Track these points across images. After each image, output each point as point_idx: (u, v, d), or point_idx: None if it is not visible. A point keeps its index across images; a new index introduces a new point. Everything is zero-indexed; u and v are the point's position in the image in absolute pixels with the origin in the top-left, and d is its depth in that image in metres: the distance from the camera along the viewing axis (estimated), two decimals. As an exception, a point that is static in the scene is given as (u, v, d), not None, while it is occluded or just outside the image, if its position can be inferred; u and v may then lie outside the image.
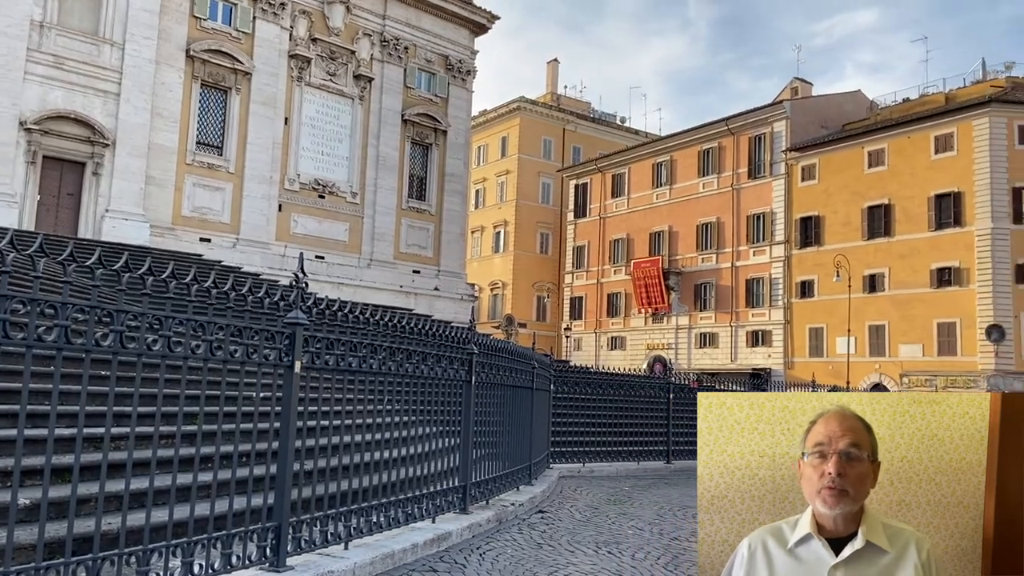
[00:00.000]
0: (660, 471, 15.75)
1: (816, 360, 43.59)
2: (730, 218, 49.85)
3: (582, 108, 67.93)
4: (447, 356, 8.49)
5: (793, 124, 47.66)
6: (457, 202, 32.46)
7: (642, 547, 8.20)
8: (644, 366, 49.57)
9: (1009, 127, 38.92)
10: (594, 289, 58.17)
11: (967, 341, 38.51)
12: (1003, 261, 38.04)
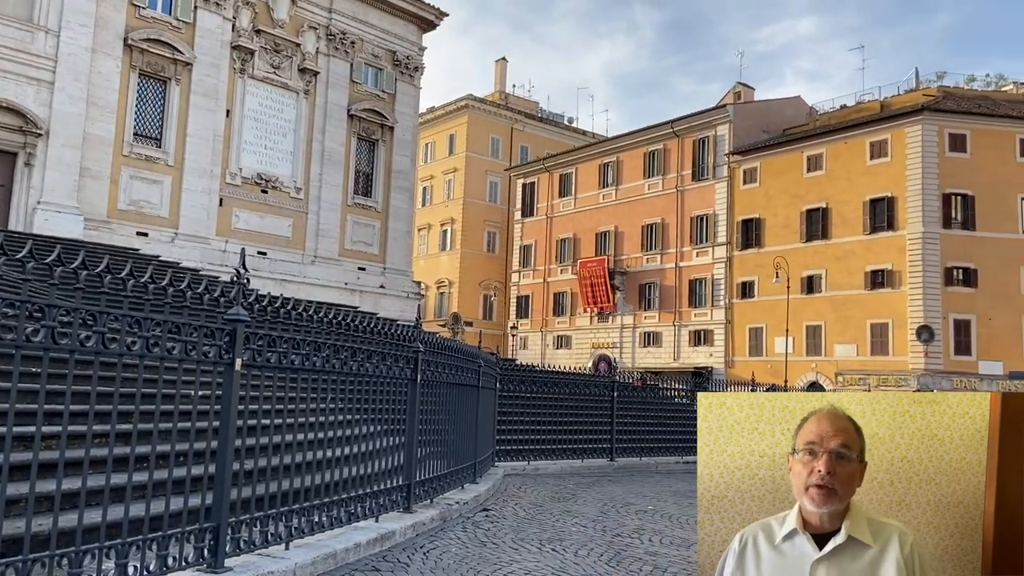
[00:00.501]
0: (604, 469, 15.91)
1: (756, 359, 44.58)
2: (674, 219, 50.63)
3: (530, 107, 68.19)
4: (392, 354, 8.43)
5: (736, 128, 48.64)
6: (404, 199, 32.23)
7: (585, 544, 8.28)
8: (589, 365, 50.00)
9: (940, 135, 40.40)
10: (541, 288, 58.46)
11: (898, 341, 39.85)
12: (933, 264, 39.47)
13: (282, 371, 6.52)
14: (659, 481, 14.72)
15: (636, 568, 7.29)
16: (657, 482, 14.57)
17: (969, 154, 40.21)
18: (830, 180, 43.56)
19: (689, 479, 15.59)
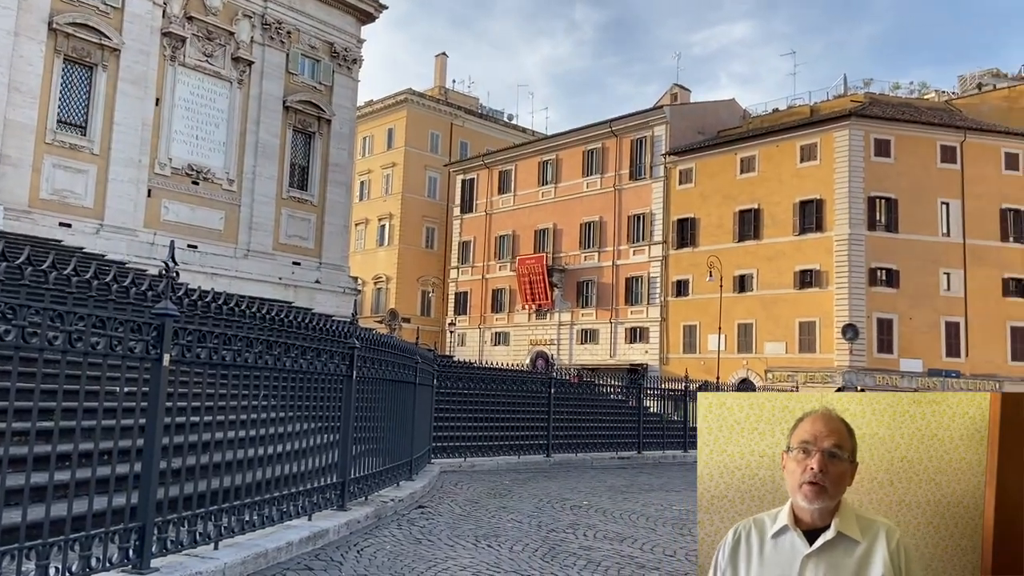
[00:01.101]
0: (540, 465, 16.01)
1: (689, 356, 45.47)
2: (612, 218, 51.24)
3: (470, 103, 68.07)
4: (327, 350, 8.32)
5: (672, 129, 49.48)
6: (341, 193, 31.79)
7: (520, 539, 8.33)
8: (527, 361, 50.27)
9: (866, 140, 41.87)
10: (479, 285, 58.45)
11: (825, 339, 41.18)
12: (858, 265, 40.90)
13: (212, 367, 6.37)
14: (594, 476, 14.89)
15: (570, 562, 7.37)
16: (592, 477, 14.74)
17: (893, 159, 41.78)
18: (762, 182, 44.72)
19: (623, 474, 15.83)
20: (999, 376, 40.36)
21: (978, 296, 40.85)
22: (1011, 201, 41.87)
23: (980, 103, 45.99)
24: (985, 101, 46.05)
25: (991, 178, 41.78)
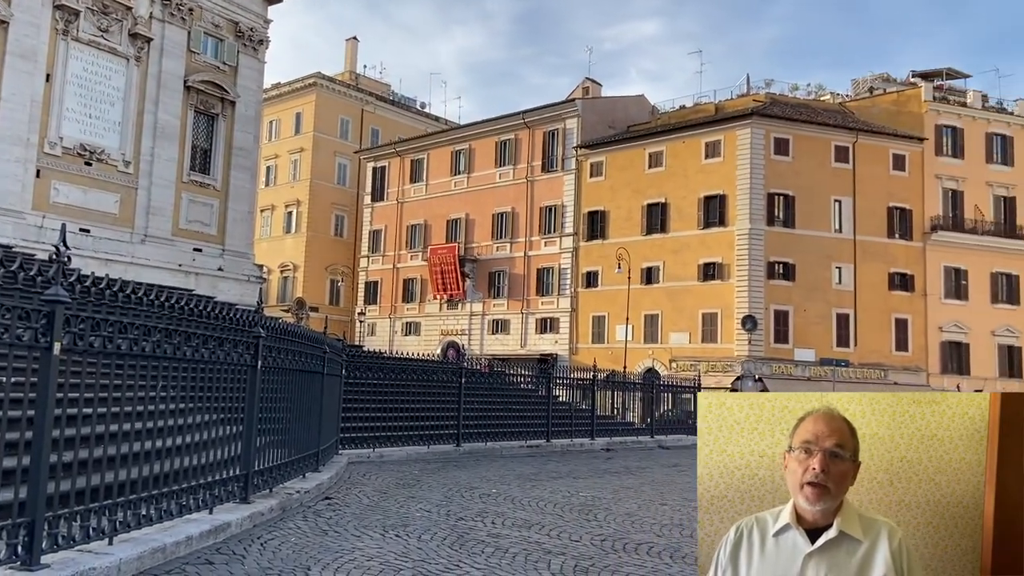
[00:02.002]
0: (450, 454, 16.03)
1: (598, 346, 46.35)
2: (524, 209, 51.61)
3: (382, 90, 67.15)
4: (231, 339, 8.09)
5: (584, 122, 50.19)
6: (246, 178, 30.81)
7: (429, 528, 8.34)
8: (438, 351, 50.13)
9: (767, 138, 43.57)
10: (390, 274, 57.89)
11: (726, 330, 42.74)
12: (758, 259, 42.59)
13: (107, 356, 6.10)
14: (503, 465, 15.03)
15: (478, 550, 7.43)
16: (501, 466, 14.87)
17: (791, 158, 43.63)
18: (669, 177, 45.93)
19: (532, 462, 16.04)
20: (884, 365, 42.87)
21: (866, 289, 43.21)
22: (897, 200, 44.40)
23: (871, 106, 48.50)
24: (876, 104, 48.60)
25: (880, 178, 44.19)
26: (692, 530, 9.34)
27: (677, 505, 11.31)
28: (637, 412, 26.60)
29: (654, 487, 13.39)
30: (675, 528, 9.34)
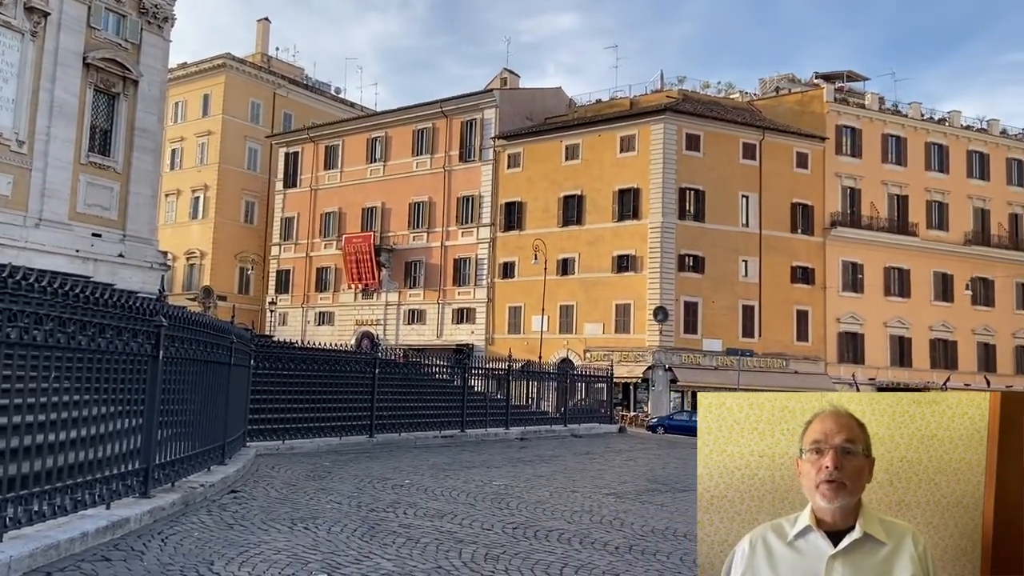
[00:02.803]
0: (363, 445, 15.86)
1: (514, 336, 46.63)
2: (442, 198, 51.35)
3: (295, 74, 65.50)
4: (130, 329, 7.76)
5: (502, 113, 50.24)
6: (149, 161, 29.51)
7: (340, 520, 8.23)
8: (352, 342, 49.44)
9: (679, 134, 44.64)
10: (303, 263, 56.67)
11: (638, 321, 43.69)
12: (669, 251, 43.66)
13: (-7, 346, 5.76)
14: (417, 455, 14.97)
15: (389, 541, 7.39)
16: (415, 456, 14.81)
17: (702, 153, 44.85)
18: (585, 169, 46.52)
19: (446, 452, 16.03)
20: (786, 354, 44.69)
21: (770, 282, 44.91)
22: (800, 197, 46.27)
23: (777, 105, 50.31)
24: (781, 103, 50.43)
25: (784, 175, 45.93)
26: (601, 516, 9.55)
27: (588, 492, 11.52)
28: (552, 402, 26.92)
29: (566, 475, 13.60)
30: (585, 515, 9.51)
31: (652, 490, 12.50)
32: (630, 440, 23.92)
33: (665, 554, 7.66)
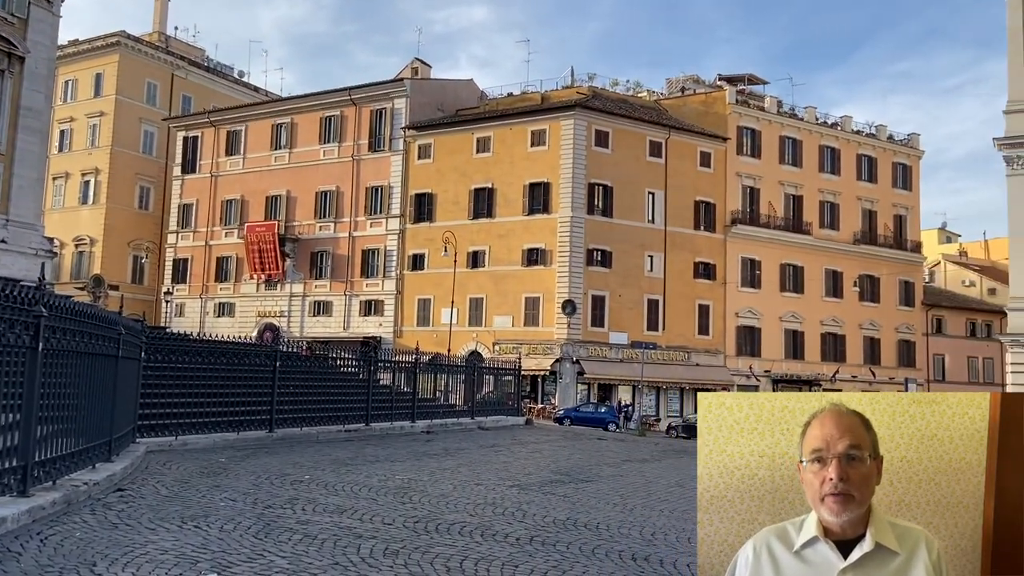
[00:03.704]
0: (262, 440, 15.38)
1: (423, 329, 46.35)
2: (350, 188, 50.45)
3: (195, 55, 63.00)
4: (7, 319, 7.25)
5: (412, 103, 49.73)
6: (34, 141, 27.80)
7: (233, 518, 7.95)
8: (254, 334, 48.05)
9: (589, 130, 45.26)
10: (202, 251, 54.63)
11: (547, 313, 44.14)
12: (578, 246, 44.26)
13: None
14: (319, 450, 14.64)
15: (285, 538, 7.18)
16: (317, 451, 14.48)
17: (611, 150, 45.63)
18: (496, 162, 46.59)
19: (349, 447, 15.75)
20: (688, 348, 46.06)
21: (674, 277, 46.17)
22: (703, 194, 47.72)
23: (682, 105, 51.67)
24: (686, 104, 51.82)
25: (688, 173, 47.26)
26: (504, 508, 9.57)
27: (492, 485, 11.53)
28: (460, 395, 26.85)
29: (471, 468, 13.58)
30: (488, 507, 9.51)
31: (556, 481, 12.62)
32: (536, 432, 24.13)
33: (565, 544, 7.73)
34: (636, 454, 19.41)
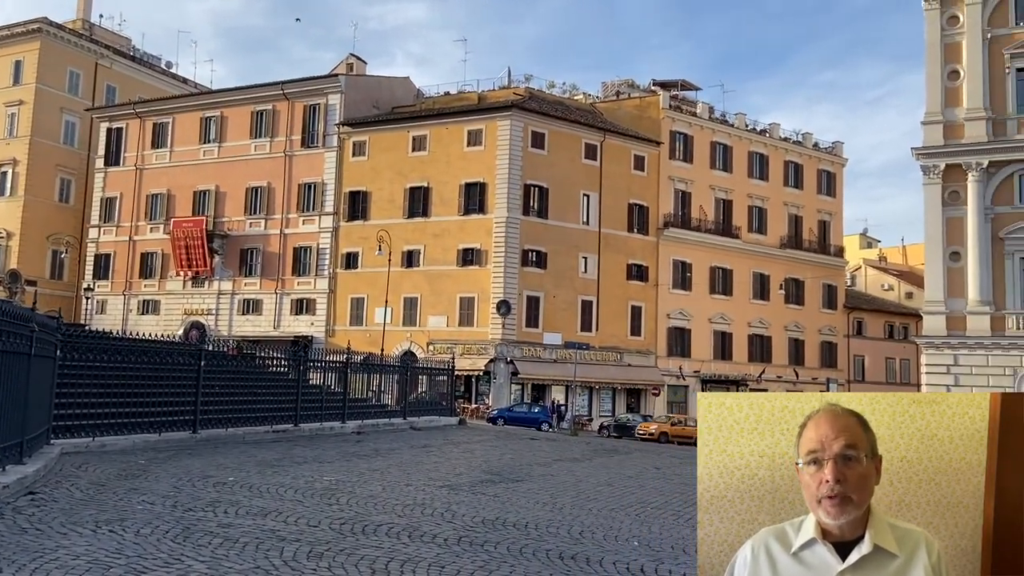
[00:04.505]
0: (185, 441, 14.93)
1: (356, 328, 45.80)
2: (282, 184, 49.50)
3: (121, 44, 60.90)
4: (-96, 313, 6.86)
5: (347, 99, 49.09)
6: (-55, 129, 26.46)
7: (151, 522, 7.68)
8: (180, 332, 46.71)
9: (525, 131, 45.43)
10: (125, 247, 52.81)
11: (482, 314, 44.13)
12: (513, 246, 44.38)
13: None
14: (244, 451, 14.29)
15: (205, 542, 6.97)
16: (242, 452, 14.14)
17: (547, 151, 45.90)
18: (432, 161, 46.34)
19: (277, 448, 15.43)
20: (621, 348, 46.68)
21: (608, 278, 46.73)
22: (636, 197, 48.43)
23: (617, 109, 52.33)
24: (621, 107, 52.51)
25: (623, 176, 47.90)
26: (433, 509, 9.51)
27: (421, 485, 11.45)
28: (393, 395, 26.61)
29: (401, 468, 13.46)
30: (417, 508, 9.43)
31: (486, 481, 12.61)
32: (469, 432, 24.09)
33: (493, 544, 7.72)
34: (567, 453, 19.56)
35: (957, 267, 32.25)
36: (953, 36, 33.50)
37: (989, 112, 32.43)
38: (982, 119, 32.38)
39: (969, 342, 31.62)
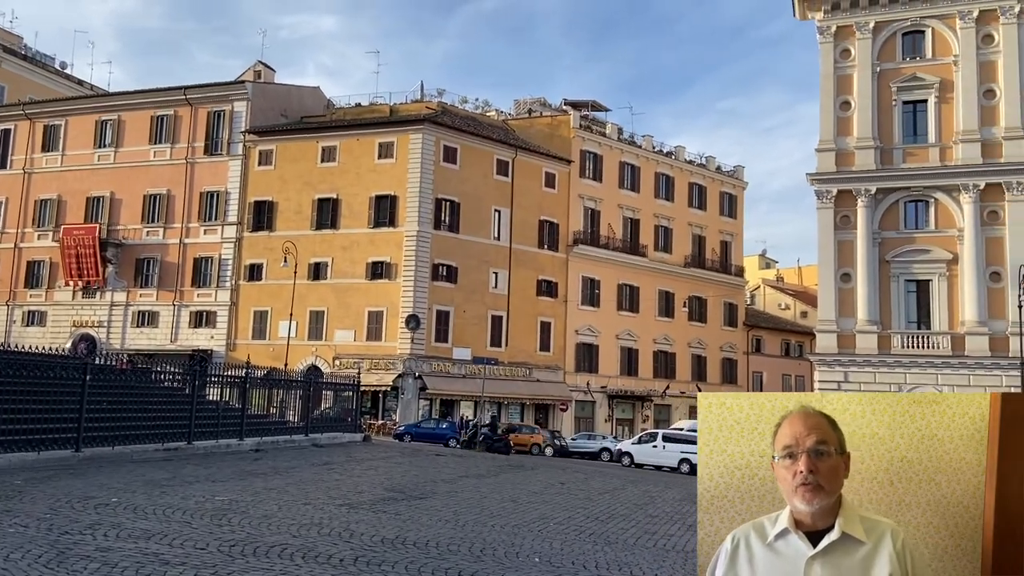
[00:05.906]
0: (67, 460, 14.03)
1: (259, 342, 44.45)
2: (182, 192, 47.72)
3: (11, 41, 57.76)
4: None
5: (254, 107, 47.84)
6: None
7: (23, 546, 7.14)
8: (68, 345, 44.20)
9: (437, 145, 45.30)
10: (9, 254, 49.79)
11: (391, 328, 43.54)
12: (424, 260, 44.05)
13: None
14: (131, 471, 13.53)
15: (81, 566, 6.52)
16: (129, 471, 13.38)
17: (459, 166, 45.87)
18: (342, 173, 45.59)
19: (167, 467, 14.69)
20: (530, 363, 46.88)
21: (518, 294, 46.94)
22: (548, 214, 48.93)
23: (529, 126, 52.87)
24: (533, 125, 53.07)
25: (534, 192, 48.34)
26: (331, 528, 9.20)
27: (320, 504, 11.09)
28: (297, 411, 25.85)
29: (299, 487, 13.02)
30: (314, 528, 9.11)
31: (388, 499, 12.34)
32: (374, 449, 23.63)
33: (391, 564, 7.51)
34: (473, 470, 19.40)
35: (848, 288, 33.92)
36: (845, 69, 35.41)
37: (877, 141, 34.36)
38: (871, 148, 34.28)
39: (858, 360, 33.24)
